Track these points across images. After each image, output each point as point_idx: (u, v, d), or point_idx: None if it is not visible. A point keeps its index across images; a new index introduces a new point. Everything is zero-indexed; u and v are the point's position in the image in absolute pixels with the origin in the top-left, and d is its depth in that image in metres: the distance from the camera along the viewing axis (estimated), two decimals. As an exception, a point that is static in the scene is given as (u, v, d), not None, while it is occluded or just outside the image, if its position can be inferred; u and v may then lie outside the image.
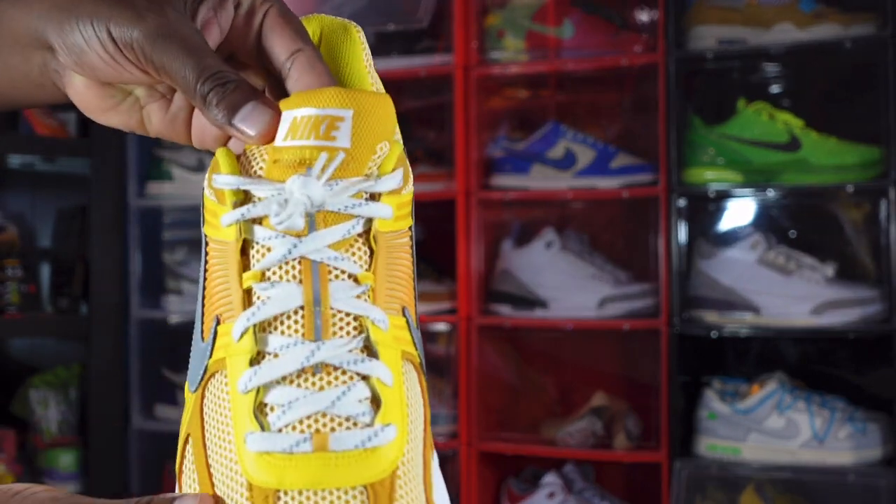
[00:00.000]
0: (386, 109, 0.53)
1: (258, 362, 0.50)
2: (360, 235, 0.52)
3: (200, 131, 0.60)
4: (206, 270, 0.54)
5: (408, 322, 0.53)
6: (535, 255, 2.49)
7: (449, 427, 2.51)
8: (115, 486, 2.80)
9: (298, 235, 0.51)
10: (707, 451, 2.29)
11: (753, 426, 2.25)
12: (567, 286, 2.45)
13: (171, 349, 2.89)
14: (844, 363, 2.42)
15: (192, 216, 2.93)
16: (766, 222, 2.43)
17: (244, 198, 0.52)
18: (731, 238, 2.40)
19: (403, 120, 2.74)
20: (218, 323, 0.52)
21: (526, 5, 2.51)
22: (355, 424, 0.49)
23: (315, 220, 0.51)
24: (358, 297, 0.51)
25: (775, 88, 2.46)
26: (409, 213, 0.55)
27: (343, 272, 0.51)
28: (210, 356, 0.52)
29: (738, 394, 2.30)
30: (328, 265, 0.51)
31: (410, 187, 0.55)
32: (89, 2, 0.55)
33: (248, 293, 0.51)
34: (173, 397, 2.82)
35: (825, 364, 2.42)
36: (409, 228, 0.55)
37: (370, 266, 0.52)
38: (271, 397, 0.49)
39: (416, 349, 0.53)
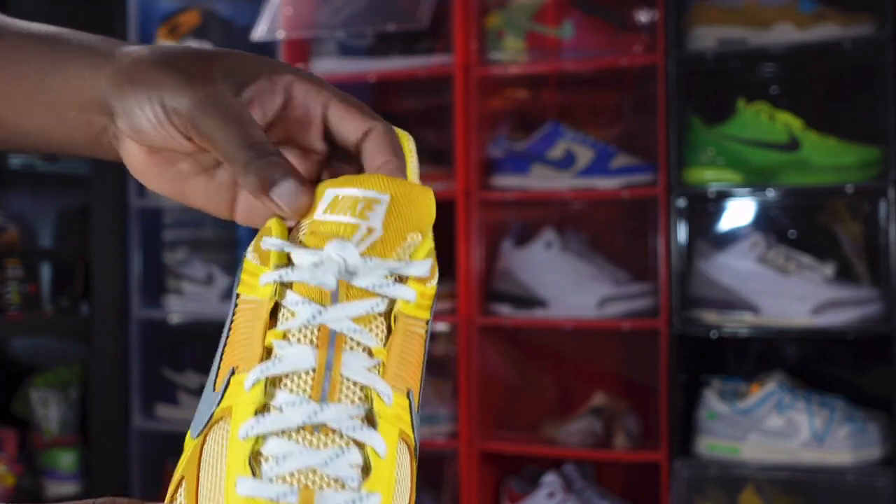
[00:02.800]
0: (425, 202, 0.57)
1: (262, 413, 0.52)
2: (381, 314, 0.55)
3: (249, 209, 0.63)
4: (230, 327, 0.57)
5: (410, 405, 0.55)
6: (535, 255, 2.49)
7: (449, 427, 2.51)
8: (115, 486, 2.80)
9: (324, 304, 0.53)
10: (706, 451, 2.29)
11: (753, 426, 2.26)
12: (567, 286, 2.46)
13: (172, 349, 2.89)
14: (844, 363, 2.42)
15: (193, 216, 2.94)
16: (765, 222, 2.43)
17: (286, 262, 0.55)
18: (730, 238, 2.40)
19: (403, 120, 2.73)
20: (233, 373, 0.54)
21: (526, 6, 2.52)
22: (342, 487, 0.51)
23: (340, 292, 0.54)
24: (369, 369, 0.53)
25: (775, 88, 2.46)
26: (431, 306, 0.57)
27: (359, 344, 0.53)
28: (219, 404, 0.54)
29: (738, 393, 2.30)
30: (346, 335, 0.53)
31: (435, 282, 0.57)
32: (149, 71, 0.59)
33: (267, 350, 0.54)
34: (174, 397, 2.83)
35: (824, 364, 2.43)
36: (427, 322, 0.57)
37: (385, 343, 0.54)
38: (268, 448, 0.51)
39: (414, 433, 0.55)
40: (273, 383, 0.53)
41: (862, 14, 2.27)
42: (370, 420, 0.52)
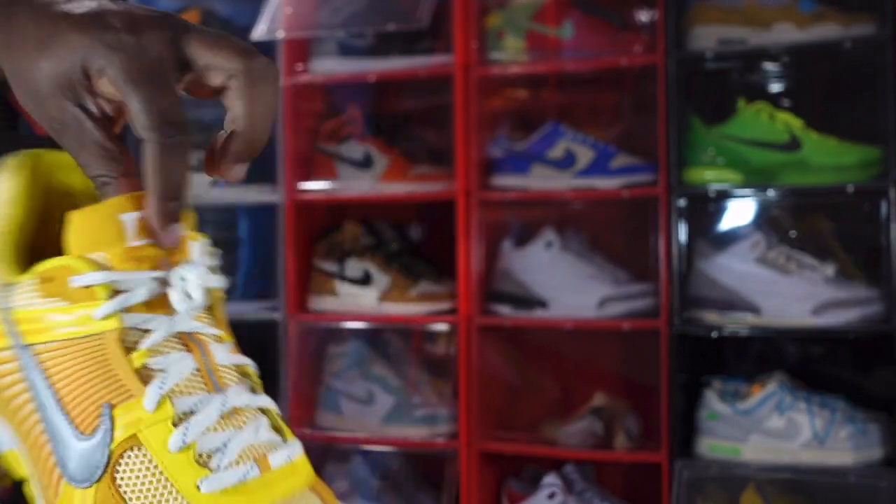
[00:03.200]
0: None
1: (182, 422, 0.56)
2: (206, 308, 0.60)
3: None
4: (48, 377, 0.57)
5: None
6: (535, 255, 2.49)
7: (449, 427, 2.51)
8: (115, 487, 2.79)
9: (168, 314, 0.57)
10: (707, 452, 2.29)
11: (754, 426, 2.25)
12: (567, 286, 2.45)
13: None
14: (844, 363, 2.42)
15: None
16: (766, 222, 2.43)
17: (112, 292, 0.57)
18: (731, 238, 2.40)
19: (404, 120, 2.71)
20: (112, 408, 0.56)
21: (526, 5, 2.52)
22: (276, 446, 0.58)
23: None
24: (230, 352, 0.60)
25: (775, 88, 2.46)
26: None
27: (210, 336, 0.59)
28: (110, 442, 0.55)
29: (739, 394, 2.30)
30: (199, 333, 0.59)
31: None
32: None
33: (138, 372, 0.56)
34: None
35: (825, 364, 2.42)
36: None
37: (219, 328, 0.61)
38: (205, 446, 0.55)
39: None
40: (170, 396, 0.56)
41: (862, 14, 2.27)
42: (254, 390, 0.59)
